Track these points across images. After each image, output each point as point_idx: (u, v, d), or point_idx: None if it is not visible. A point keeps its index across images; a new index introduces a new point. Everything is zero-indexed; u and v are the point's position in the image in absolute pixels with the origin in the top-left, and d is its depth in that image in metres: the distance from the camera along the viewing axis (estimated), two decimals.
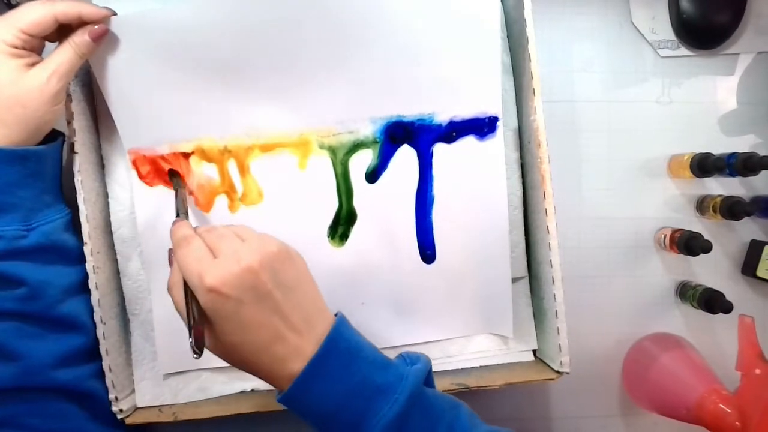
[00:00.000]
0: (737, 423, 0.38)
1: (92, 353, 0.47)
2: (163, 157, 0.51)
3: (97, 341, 0.48)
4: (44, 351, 0.43)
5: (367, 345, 0.39)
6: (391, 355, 0.54)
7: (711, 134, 0.63)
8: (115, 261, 0.52)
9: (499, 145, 0.52)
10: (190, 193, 0.51)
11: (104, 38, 0.45)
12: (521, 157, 0.54)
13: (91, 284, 0.48)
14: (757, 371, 0.39)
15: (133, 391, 0.53)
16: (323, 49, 0.49)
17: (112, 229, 0.52)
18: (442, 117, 0.51)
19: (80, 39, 0.43)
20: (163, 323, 0.52)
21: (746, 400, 0.39)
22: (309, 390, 0.35)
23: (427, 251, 0.53)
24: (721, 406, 0.39)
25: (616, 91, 0.63)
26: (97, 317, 0.48)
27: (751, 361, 0.39)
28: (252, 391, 0.54)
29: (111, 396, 0.49)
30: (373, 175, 0.52)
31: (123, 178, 0.52)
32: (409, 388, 0.36)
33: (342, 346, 0.37)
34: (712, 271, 0.63)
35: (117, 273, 0.52)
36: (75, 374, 0.45)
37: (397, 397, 0.35)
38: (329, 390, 0.35)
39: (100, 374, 0.48)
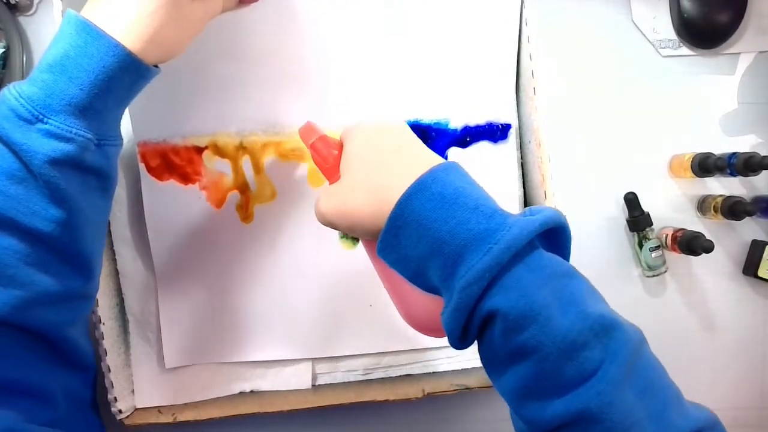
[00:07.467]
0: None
1: (85, 302, 0.41)
2: (174, 150, 0.50)
3: (94, 292, 0.42)
4: (48, 286, 0.36)
5: (475, 193, 0.32)
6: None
7: (712, 134, 0.63)
8: (114, 261, 0.52)
9: (512, 151, 0.53)
10: (203, 188, 0.51)
11: (251, 3, 0.44)
12: (521, 156, 0.54)
13: None
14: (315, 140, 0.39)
15: (133, 391, 0.53)
16: (346, 52, 0.50)
17: (111, 229, 0.51)
18: (457, 123, 0.52)
19: None
20: (168, 318, 0.52)
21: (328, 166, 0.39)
22: (397, 235, 0.33)
23: None
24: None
25: (617, 90, 0.63)
26: (95, 317, 0.48)
27: (309, 133, 0.39)
28: (251, 392, 0.54)
29: (110, 396, 0.49)
30: None
31: (122, 179, 0.52)
32: (509, 239, 0.29)
33: (435, 190, 0.32)
34: (714, 271, 0.63)
35: (116, 273, 0.52)
36: (57, 319, 0.38)
37: (491, 246, 0.29)
38: (419, 235, 0.32)
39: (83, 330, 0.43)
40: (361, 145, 0.37)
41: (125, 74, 0.36)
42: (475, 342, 0.33)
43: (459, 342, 0.32)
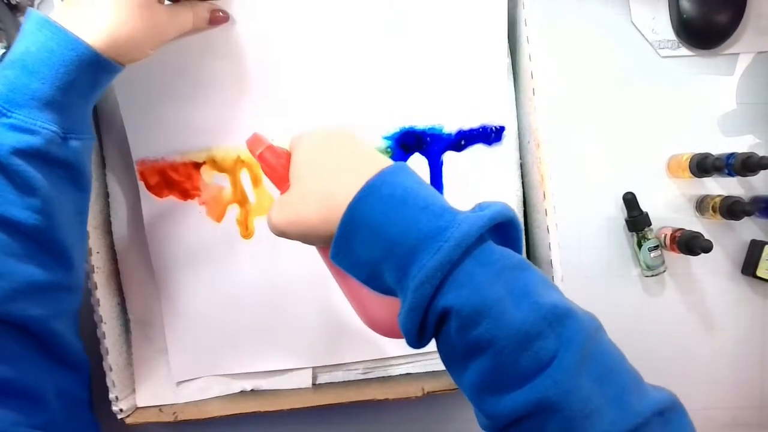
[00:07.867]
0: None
1: (70, 295, 0.42)
2: (173, 167, 0.51)
3: (77, 285, 0.43)
4: (27, 276, 0.37)
5: (424, 193, 0.33)
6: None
7: (710, 134, 0.63)
8: (115, 261, 0.52)
9: (508, 152, 0.53)
10: (202, 203, 0.52)
11: (219, 24, 0.46)
12: (521, 157, 0.54)
13: (91, 284, 0.48)
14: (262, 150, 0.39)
15: (134, 390, 0.53)
16: (340, 63, 0.51)
17: (112, 229, 0.52)
18: (451, 127, 0.52)
19: (202, 13, 0.43)
20: (175, 332, 0.52)
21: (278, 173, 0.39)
22: (350, 239, 0.33)
23: None
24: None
25: (616, 90, 0.63)
26: (96, 317, 0.48)
27: (256, 144, 0.39)
28: (252, 391, 0.54)
29: (111, 395, 0.49)
30: None
31: (123, 179, 0.52)
32: (459, 236, 0.30)
33: (384, 192, 0.32)
34: (712, 270, 0.63)
35: (116, 272, 0.52)
36: (42, 312, 0.39)
37: (441, 245, 0.30)
38: (371, 238, 0.32)
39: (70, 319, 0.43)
40: (308, 153, 0.37)
41: (87, 68, 0.37)
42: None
43: (416, 341, 0.32)
